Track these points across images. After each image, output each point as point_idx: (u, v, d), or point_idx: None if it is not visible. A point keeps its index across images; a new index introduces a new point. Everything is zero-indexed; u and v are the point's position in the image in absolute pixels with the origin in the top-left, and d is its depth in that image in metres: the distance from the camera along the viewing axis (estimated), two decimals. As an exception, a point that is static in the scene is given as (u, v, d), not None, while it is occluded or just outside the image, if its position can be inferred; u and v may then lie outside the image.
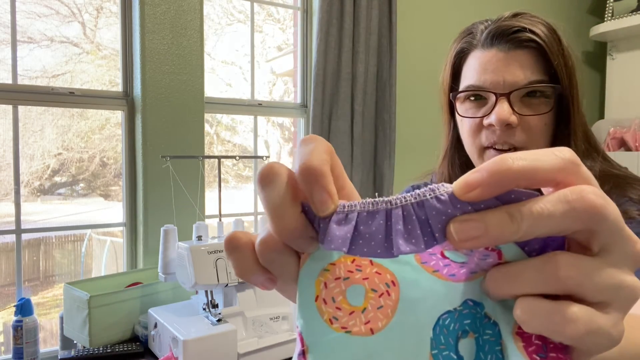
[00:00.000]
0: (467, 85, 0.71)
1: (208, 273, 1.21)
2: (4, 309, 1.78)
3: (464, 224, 0.21)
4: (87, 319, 1.28)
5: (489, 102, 0.69)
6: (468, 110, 0.71)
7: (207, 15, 1.89)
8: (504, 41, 0.68)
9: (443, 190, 0.22)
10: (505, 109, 0.66)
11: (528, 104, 0.67)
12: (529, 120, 0.67)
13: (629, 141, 2.42)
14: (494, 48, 0.68)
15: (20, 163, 1.55)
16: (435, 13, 2.34)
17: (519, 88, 0.66)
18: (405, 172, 2.27)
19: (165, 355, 1.16)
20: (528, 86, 0.66)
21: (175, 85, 1.69)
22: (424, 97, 2.33)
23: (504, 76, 0.67)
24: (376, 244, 0.23)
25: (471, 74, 0.70)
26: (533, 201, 0.21)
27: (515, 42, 0.67)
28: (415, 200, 0.23)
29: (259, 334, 1.27)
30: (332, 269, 0.25)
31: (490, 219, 0.21)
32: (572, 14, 2.81)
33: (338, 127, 1.99)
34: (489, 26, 0.71)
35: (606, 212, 0.21)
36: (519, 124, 0.67)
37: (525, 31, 0.67)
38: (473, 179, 0.21)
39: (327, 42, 1.94)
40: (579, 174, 0.22)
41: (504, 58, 0.67)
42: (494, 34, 0.69)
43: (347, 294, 0.24)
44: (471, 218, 0.21)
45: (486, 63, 0.69)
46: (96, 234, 2.54)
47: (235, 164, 2.80)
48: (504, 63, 0.67)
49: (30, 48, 1.64)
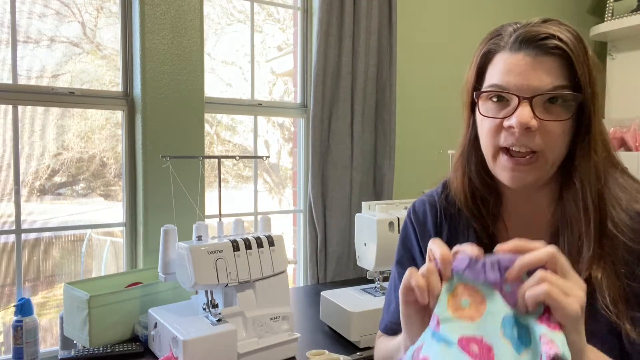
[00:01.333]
0: (491, 84, 0.72)
1: (208, 273, 1.21)
2: (4, 309, 1.78)
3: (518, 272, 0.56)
4: (87, 319, 1.28)
5: (511, 104, 0.70)
6: (489, 110, 0.73)
7: (207, 15, 1.89)
8: (532, 46, 0.69)
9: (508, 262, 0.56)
10: (526, 112, 0.67)
11: (549, 109, 0.69)
12: (548, 125, 0.68)
13: (629, 141, 2.42)
14: (521, 52, 0.70)
15: (20, 163, 1.55)
16: (435, 13, 2.34)
17: (542, 93, 0.68)
18: (405, 172, 2.27)
19: (165, 355, 1.16)
20: (551, 92, 0.68)
21: (175, 85, 1.69)
22: (424, 97, 2.33)
23: (529, 80, 0.68)
24: (478, 274, 0.56)
25: (496, 74, 0.72)
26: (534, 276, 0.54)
27: (543, 48, 0.68)
28: (497, 260, 0.56)
29: (259, 334, 1.27)
30: (456, 289, 0.58)
31: None
32: (572, 14, 2.81)
33: (338, 127, 1.99)
34: (517, 29, 0.72)
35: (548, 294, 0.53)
36: (538, 129, 0.68)
37: (554, 38, 0.68)
38: (515, 268, 0.55)
39: (327, 42, 1.94)
40: (557, 264, 0.54)
41: (531, 62, 0.68)
42: (522, 38, 0.70)
43: (462, 302, 0.57)
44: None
45: (512, 65, 0.70)
46: (96, 234, 2.54)
47: (235, 164, 2.80)
48: (531, 67, 0.68)
49: (30, 48, 1.64)
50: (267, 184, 3.09)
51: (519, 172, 0.71)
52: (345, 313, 1.37)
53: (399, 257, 0.92)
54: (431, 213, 0.87)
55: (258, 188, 2.03)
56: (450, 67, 2.38)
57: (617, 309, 0.67)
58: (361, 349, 1.34)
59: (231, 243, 1.26)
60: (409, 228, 0.91)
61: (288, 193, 2.58)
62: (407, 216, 0.91)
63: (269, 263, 1.31)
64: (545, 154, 0.70)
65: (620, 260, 0.70)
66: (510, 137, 0.70)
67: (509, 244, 0.56)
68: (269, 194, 3.10)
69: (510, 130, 0.69)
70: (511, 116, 0.69)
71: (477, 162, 0.80)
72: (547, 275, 0.53)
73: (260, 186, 2.90)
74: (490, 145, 0.73)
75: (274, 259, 1.33)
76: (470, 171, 0.81)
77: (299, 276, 2.12)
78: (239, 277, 1.25)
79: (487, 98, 0.73)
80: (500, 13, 2.51)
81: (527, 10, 2.61)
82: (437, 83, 2.36)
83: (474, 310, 0.56)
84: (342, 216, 2.01)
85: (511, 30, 0.73)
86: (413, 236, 0.90)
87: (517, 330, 0.54)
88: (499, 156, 0.73)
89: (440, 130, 2.35)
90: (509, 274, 0.55)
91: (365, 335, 1.35)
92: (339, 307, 1.40)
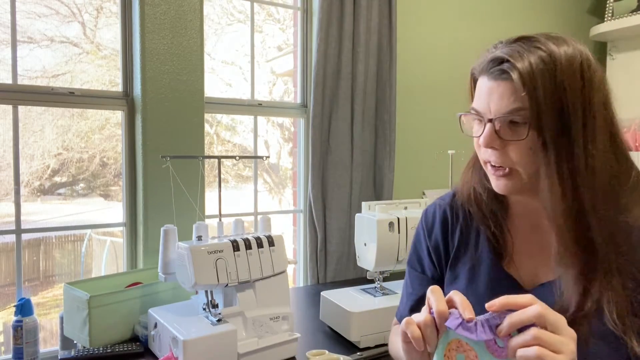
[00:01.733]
0: (471, 107, 0.78)
1: (208, 273, 1.21)
2: (4, 309, 1.78)
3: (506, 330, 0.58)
4: (87, 319, 1.28)
5: (482, 125, 0.75)
6: (472, 128, 0.79)
7: (207, 15, 1.89)
8: (491, 70, 0.73)
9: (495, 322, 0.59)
10: (488, 134, 0.73)
11: (513, 129, 0.72)
12: (512, 144, 0.72)
13: (629, 141, 2.43)
14: (485, 76, 0.74)
15: (20, 163, 1.55)
16: (435, 13, 2.34)
17: (500, 116, 0.72)
18: (405, 172, 2.27)
19: (165, 355, 1.16)
20: (508, 114, 0.71)
21: (175, 85, 1.69)
22: (424, 97, 2.33)
23: (489, 104, 0.73)
24: (470, 332, 0.59)
25: (475, 96, 0.78)
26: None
27: (497, 72, 0.72)
28: (486, 320, 0.59)
29: (259, 334, 1.27)
30: (451, 344, 0.61)
31: None
32: (572, 14, 2.81)
33: (338, 127, 1.99)
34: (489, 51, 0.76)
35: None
36: (505, 147, 0.73)
37: (505, 62, 0.71)
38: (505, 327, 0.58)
39: (327, 42, 1.94)
40: (546, 320, 0.57)
41: (490, 87, 0.73)
42: (488, 61, 0.74)
43: (457, 357, 0.61)
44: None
45: (480, 89, 0.75)
46: (96, 234, 2.54)
47: (235, 164, 2.80)
48: (490, 91, 0.73)
49: (30, 48, 1.64)
50: (267, 184, 3.09)
51: (501, 181, 0.76)
52: (345, 313, 1.37)
53: (409, 258, 0.98)
54: (441, 216, 0.92)
55: (258, 188, 2.03)
56: (450, 67, 2.38)
57: (624, 324, 0.68)
58: (361, 349, 1.34)
59: (231, 243, 1.26)
60: (419, 230, 0.96)
61: (288, 193, 2.58)
62: (420, 220, 0.98)
63: (269, 263, 1.32)
64: (516, 169, 0.74)
65: (627, 275, 0.70)
66: (486, 153, 0.76)
67: (497, 302, 0.59)
68: (269, 194, 3.10)
69: (484, 148, 0.75)
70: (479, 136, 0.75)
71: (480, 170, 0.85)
72: (539, 335, 0.56)
73: (260, 186, 2.90)
74: (480, 158, 0.80)
75: (274, 259, 1.33)
76: (476, 180, 0.86)
77: (299, 276, 2.12)
78: (239, 277, 1.25)
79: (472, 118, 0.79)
80: (500, 13, 2.51)
81: (527, 11, 2.61)
82: (437, 83, 2.36)
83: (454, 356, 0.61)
84: (342, 216, 2.01)
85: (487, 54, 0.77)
86: (422, 238, 0.94)
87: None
88: (486, 166, 0.78)
89: (440, 131, 2.35)
90: (499, 331, 0.58)
91: (365, 336, 1.35)
92: (339, 307, 1.40)
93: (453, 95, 2.41)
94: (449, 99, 2.39)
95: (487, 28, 2.47)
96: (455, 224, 0.89)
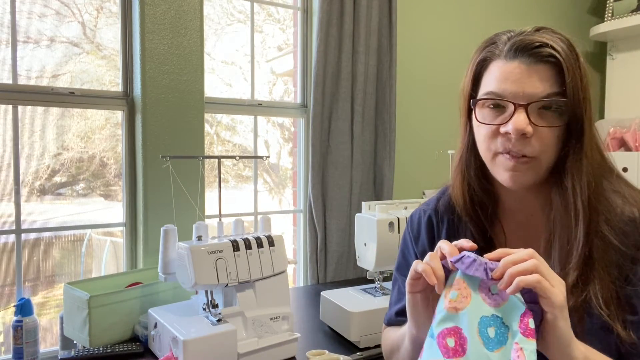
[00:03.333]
0: (487, 91, 0.74)
1: (208, 273, 1.21)
2: (4, 309, 1.78)
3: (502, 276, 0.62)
4: (87, 319, 1.28)
5: (507, 111, 0.72)
6: (486, 117, 0.75)
7: (207, 16, 1.89)
8: (526, 54, 0.71)
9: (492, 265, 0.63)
10: (522, 119, 0.70)
11: (543, 116, 0.71)
12: (542, 131, 0.71)
13: (629, 141, 2.42)
14: (516, 60, 0.72)
15: (20, 163, 1.55)
16: (435, 13, 2.34)
17: (537, 100, 0.70)
18: (405, 172, 2.27)
19: (165, 355, 1.16)
20: (545, 99, 0.70)
21: (175, 85, 1.69)
22: (424, 97, 2.33)
23: (524, 88, 0.70)
24: (468, 268, 0.63)
25: (492, 82, 0.74)
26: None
27: (537, 56, 0.71)
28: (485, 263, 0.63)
29: (259, 334, 1.27)
30: (452, 284, 0.64)
31: None
32: (572, 14, 2.81)
33: (338, 127, 1.99)
34: (512, 37, 0.74)
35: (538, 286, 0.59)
36: (533, 134, 0.71)
37: (547, 47, 0.70)
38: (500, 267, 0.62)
39: (327, 42, 1.94)
40: (540, 269, 0.60)
41: (526, 70, 0.71)
42: (517, 46, 0.72)
43: (451, 294, 0.63)
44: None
45: (508, 73, 0.72)
46: (96, 234, 2.54)
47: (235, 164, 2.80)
48: (526, 75, 0.71)
49: (30, 48, 1.64)
50: (267, 184, 3.09)
51: (517, 172, 0.73)
52: (345, 313, 1.37)
53: (398, 264, 0.97)
54: (426, 223, 0.91)
55: (258, 188, 2.03)
56: (450, 67, 2.38)
57: (610, 311, 0.69)
58: (361, 349, 1.34)
59: (231, 243, 1.26)
60: (406, 237, 0.96)
61: (288, 193, 2.58)
62: (405, 226, 0.97)
63: (269, 263, 1.32)
64: (539, 158, 0.72)
65: (613, 264, 0.71)
66: (507, 142, 0.72)
67: (494, 253, 0.64)
68: (269, 194, 3.10)
69: (506, 136, 0.72)
70: (507, 123, 0.71)
71: (476, 167, 0.82)
72: (539, 265, 0.60)
73: (260, 186, 2.90)
74: (488, 150, 0.76)
75: (274, 259, 1.33)
76: (470, 176, 0.83)
77: (299, 276, 2.12)
78: (239, 277, 1.25)
79: (483, 105, 0.75)
80: (500, 13, 2.51)
81: (527, 11, 2.61)
82: (437, 83, 2.36)
83: (459, 302, 0.63)
84: (342, 216, 2.01)
85: (505, 39, 0.75)
86: (410, 244, 0.94)
87: (496, 330, 0.61)
88: (497, 157, 0.75)
89: (440, 131, 2.35)
90: (494, 273, 0.61)
91: (365, 335, 1.35)
92: (339, 307, 1.40)
93: (453, 95, 2.41)
94: (449, 99, 2.39)
95: (487, 28, 2.47)
96: (442, 228, 0.89)
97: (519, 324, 0.58)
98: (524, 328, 0.58)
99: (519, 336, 0.58)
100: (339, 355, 1.19)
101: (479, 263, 0.62)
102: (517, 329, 0.59)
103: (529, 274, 0.59)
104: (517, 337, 0.58)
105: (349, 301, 1.42)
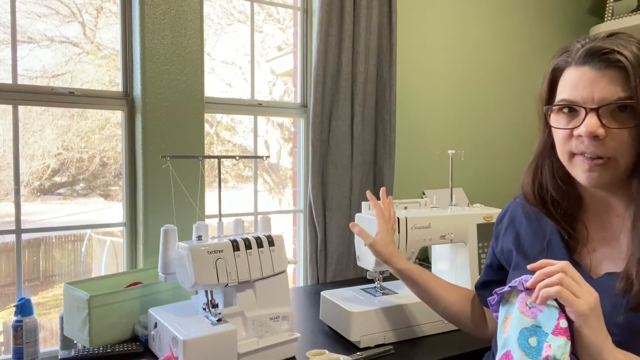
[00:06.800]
0: (561, 99, 0.80)
1: (208, 273, 1.21)
2: (4, 309, 1.78)
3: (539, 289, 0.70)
4: (87, 319, 1.28)
5: (580, 115, 0.77)
6: (560, 121, 0.81)
7: (207, 15, 1.89)
8: (595, 60, 0.76)
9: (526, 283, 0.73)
10: (593, 122, 0.74)
11: (617, 118, 0.75)
12: (616, 132, 0.74)
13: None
14: (586, 66, 0.77)
15: (20, 163, 1.55)
16: (435, 13, 2.34)
17: (608, 104, 0.74)
18: (405, 172, 2.27)
19: (165, 355, 1.16)
20: (615, 102, 0.74)
21: (175, 85, 1.69)
22: (424, 97, 2.33)
23: (594, 92, 0.75)
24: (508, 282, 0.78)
25: (565, 89, 0.80)
26: None
27: (605, 62, 0.75)
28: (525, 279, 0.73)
29: (259, 334, 1.27)
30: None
31: None
32: (572, 14, 2.81)
33: (338, 127, 1.99)
34: (584, 45, 0.79)
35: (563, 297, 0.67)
36: (606, 136, 0.74)
37: (615, 52, 0.74)
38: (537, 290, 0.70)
39: (327, 42, 1.93)
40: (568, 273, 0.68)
41: (595, 75, 0.75)
42: (587, 53, 0.77)
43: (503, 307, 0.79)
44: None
45: (579, 79, 0.77)
46: (96, 234, 2.54)
47: (235, 164, 2.80)
48: (595, 80, 0.75)
49: (30, 48, 1.64)
50: (267, 184, 3.09)
51: (594, 172, 0.77)
52: (345, 313, 1.37)
53: (491, 242, 1.09)
54: (510, 213, 1.00)
55: (258, 188, 2.03)
56: (450, 67, 2.38)
57: None
58: (361, 349, 1.34)
59: (231, 243, 1.26)
60: (497, 223, 1.06)
61: (288, 193, 2.58)
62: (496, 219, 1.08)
63: (269, 263, 1.31)
64: (615, 159, 0.76)
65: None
66: (580, 145, 0.77)
67: (536, 264, 0.72)
68: (269, 194, 3.10)
69: (579, 138, 0.77)
70: (580, 126, 0.76)
71: (551, 169, 0.88)
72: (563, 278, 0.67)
73: (260, 186, 2.90)
74: (564, 151, 0.82)
75: (274, 259, 1.33)
76: (542, 177, 0.89)
77: (299, 276, 2.12)
78: (239, 277, 1.25)
79: (558, 111, 0.81)
80: (500, 13, 2.51)
81: (527, 11, 2.60)
82: (437, 83, 2.36)
83: (505, 325, 0.71)
84: (342, 216, 2.01)
85: (578, 47, 0.80)
86: (493, 240, 1.06)
87: (537, 338, 0.67)
88: (574, 158, 0.80)
89: (440, 130, 2.35)
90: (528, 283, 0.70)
91: (365, 335, 1.35)
92: (339, 307, 1.40)
93: (453, 95, 2.41)
94: (449, 99, 2.39)
95: (487, 28, 2.47)
96: (524, 222, 0.95)
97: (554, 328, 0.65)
98: (555, 328, 0.64)
99: (549, 336, 0.64)
100: (339, 355, 1.19)
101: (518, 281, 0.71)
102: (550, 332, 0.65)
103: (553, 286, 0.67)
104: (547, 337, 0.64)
105: (348, 301, 1.42)
